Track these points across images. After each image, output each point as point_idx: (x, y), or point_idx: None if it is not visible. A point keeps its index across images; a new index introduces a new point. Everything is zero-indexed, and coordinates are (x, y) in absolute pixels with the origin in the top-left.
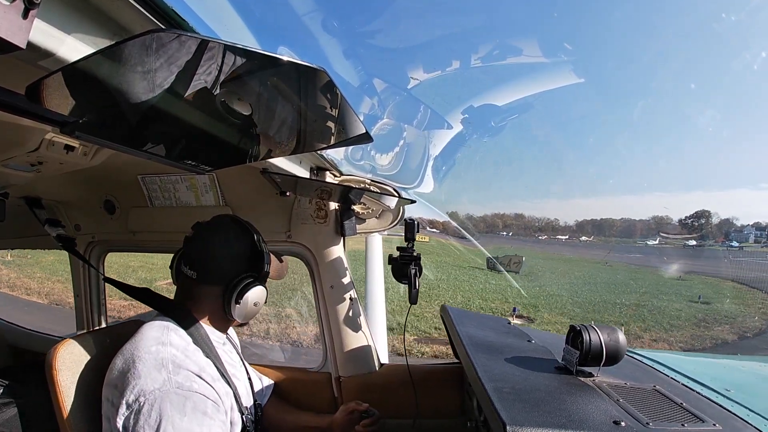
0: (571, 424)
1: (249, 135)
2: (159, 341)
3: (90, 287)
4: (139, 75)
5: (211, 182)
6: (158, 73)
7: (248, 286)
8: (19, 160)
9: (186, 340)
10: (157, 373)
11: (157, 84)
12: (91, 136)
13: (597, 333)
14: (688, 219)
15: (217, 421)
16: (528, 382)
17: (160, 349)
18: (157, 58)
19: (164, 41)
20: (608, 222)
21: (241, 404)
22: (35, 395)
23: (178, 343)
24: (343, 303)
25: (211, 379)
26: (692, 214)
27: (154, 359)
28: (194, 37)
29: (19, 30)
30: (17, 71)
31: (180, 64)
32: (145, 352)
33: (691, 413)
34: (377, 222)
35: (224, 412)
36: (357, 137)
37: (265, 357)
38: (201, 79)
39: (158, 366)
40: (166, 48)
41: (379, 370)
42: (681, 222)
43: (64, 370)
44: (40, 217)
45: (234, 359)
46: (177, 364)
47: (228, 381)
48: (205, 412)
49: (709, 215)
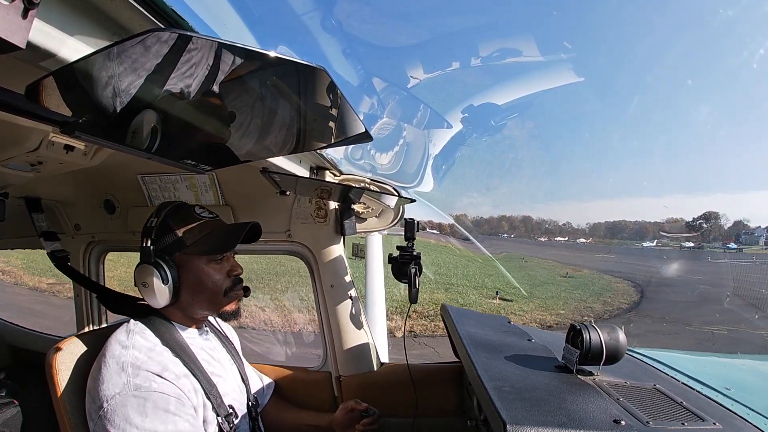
0: (571, 423)
1: (249, 134)
2: (123, 345)
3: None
4: (138, 75)
5: (211, 182)
6: (158, 72)
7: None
8: (19, 159)
9: (152, 341)
10: (118, 378)
11: (157, 84)
12: (91, 135)
13: (597, 332)
14: (696, 220)
15: (183, 416)
16: (528, 381)
17: (122, 352)
18: (156, 58)
19: (164, 41)
20: (621, 224)
21: (217, 403)
22: (35, 395)
23: (142, 345)
24: (343, 302)
25: (174, 376)
26: (700, 215)
27: (116, 363)
28: (194, 37)
29: (19, 30)
30: (17, 71)
31: (180, 63)
32: (109, 357)
33: (692, 412)
34: (377, 221)
35: (192, 407)
36: (357, 136)
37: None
38: (200, 79)
39: (119, 370)
40: (166, 47)
41: (379, 369)
42: (688, 224)
43: (64, 369)
44: (38, 227)
45: (219, 357)
46: (137, 366)
47: (199, 378)
48: (167, 409)
49: (717, 217)
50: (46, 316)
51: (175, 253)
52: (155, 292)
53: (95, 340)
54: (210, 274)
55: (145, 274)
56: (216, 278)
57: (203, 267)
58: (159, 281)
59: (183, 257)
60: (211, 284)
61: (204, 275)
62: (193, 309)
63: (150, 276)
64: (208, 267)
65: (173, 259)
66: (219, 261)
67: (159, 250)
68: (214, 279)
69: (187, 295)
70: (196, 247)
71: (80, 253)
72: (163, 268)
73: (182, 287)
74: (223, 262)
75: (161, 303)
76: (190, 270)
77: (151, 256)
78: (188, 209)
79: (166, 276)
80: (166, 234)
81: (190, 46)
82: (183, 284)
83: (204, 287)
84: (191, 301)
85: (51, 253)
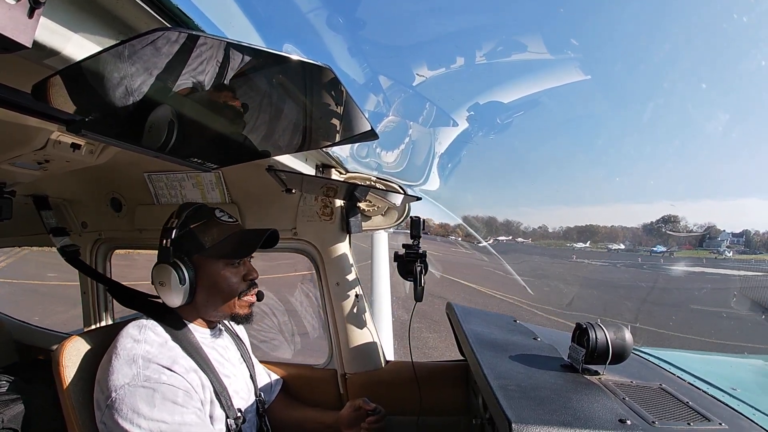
0: (576, 422)
1: (255, 133)
2: (134, 339)
3: (97, 285)
4: (144, 73)
5: (217, 180)
6: (164, 71)
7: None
8: (26, 158)
9: (163, 337)
10: (128, 369)
11: (164, 82)
12: (98, 134)
13: (603, 331)
14: (655, 224)
15: (190, 408)
16: (533, 379)
17: (134, 346)
18: (162, 57)
19: (170, 40)
20: (592, 228)
21: (227, 405)
22: (41, 392)
23: (154, 340)
24: (349, 300)
25: (183, 370)
26: (659, 218)
27: (127, 355)
28: (200, 36)
29: (25, 29)
30: (23, 70)
31: (186, 62)
32: (120, 349)
33: (697, 412)
34: (383, 219)
35: (199, 401)
36: (362, 134)
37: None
38: (206, 78)
39: (129, 362)
40: (172, 46)
41: (385, 367)
42: (645, 227)
43: (71, 366)
44: (47, 224)
45: (230, 356)
46: (147, 359)
47: (210, 378)
48: (175, 401)
49: (677, 220)
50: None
51: (194, 254)
52: (172, 291)
53: (102, 337)
54: (226, 278)
55: (162, 274)
56: (232, 281)
57: (220, 270)
58: (176, 281)
59: (201, 259)
60: (226, 287)
61: (220, 278)
62: (207, 310)
63: (168, 275)
64: (225, 270)
65: (191, 260)
66: (236, 265)
67: (178, 251)
68: (230, 282)
69: (202, 296)
70: (215, 250)
71: (87, 251)
72: (180, 269)
73: (198, 288)
74: (239, 266)
75: (176, 302)
76: (207, 272)
77: (170, 256)
78: (209, 212)
79: (183, 276)
80: (186, 235)
81: (196, 45)
82: (199, 285)
83: (220, 290)
84: (206, 303)
85: (61, 248)
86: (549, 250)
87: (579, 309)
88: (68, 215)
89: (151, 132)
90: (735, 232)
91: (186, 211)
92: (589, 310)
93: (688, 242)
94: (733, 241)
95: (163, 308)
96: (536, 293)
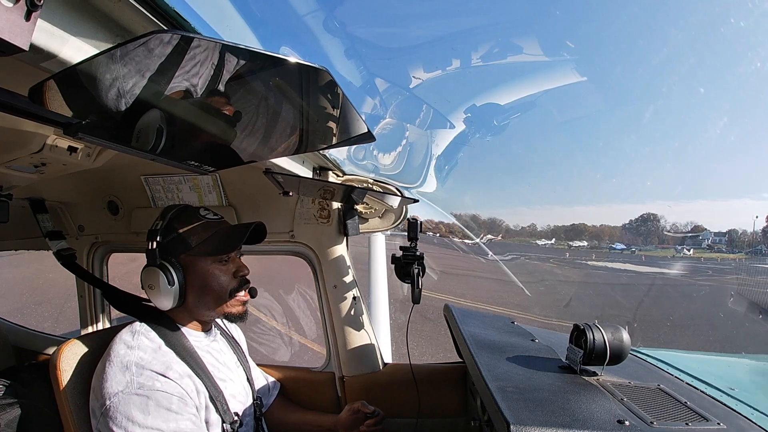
0: (575, 424)
1: (252, 135)
2: (128, 345)
3: (94, 288)
4: (141, 76)
5: (214, 183)
6: (160, 74)
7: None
8: (22, 161)
9: (157, 343)
10: (122, 376)
11: (160, 85)
12: (94, 137)
13: (601, 332)
14: (635, 223)
15: (185, 415)
16: (532, 381)
17: (127, 352)
18: (159, 59)
19: (166, 42)
20: (580, 227)
21: (223, 409)
22: (38, 396)
23: (147, 346)
24: (347, 302)
25: (177, 375)
26: (638, 217)
27: (120, 362)
28: (196, 38)
29: (22, 31)
30: (20, 73)
31: (182, 64)
32: (114, 356)
33: (696, 412)
34: (380, 221)
35: (194, 407)
36: (359, 137)
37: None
38: (203, 80)
39: (123, 369)
40: (169, 49)
41: (383, 370)
42: (624, 226)
43: (68, 370)
44: (43, 227)
45: (226, 360)
46: (141, 365)
47: (205, 383)
48: (170, 408)
49: (656, 219)
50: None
51: (181, 254)
52: (161, 294)
53: (99, 342)
54: (216, 275)
55: (151, 277)
56: (222, 279)
57: (209, 268)
58: (165, 283)
59: (189, 259)
60: (217, 285)
61: (209, 276)
62: (200, 311)
63: (156, 278)
64: (213, 268)
65: (179, 260)
66: (225, 262)
67: (164, 252)
68: (220, 280)
69: (193, 297)
70: (201, 247)
71: (84, 254)
72: (169, 270)
73: (188, 289)
74: (229, 263)
75: (168, 305)
76: (196, 271)
77: (157, 258)
78: (193, 211)
79: (172, 278)
80: (171, 236)
81: (193, 48)
82: (189, 286)
83: (210, 288)
84: (197, 304)
85: (57, 252)
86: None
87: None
88: (65, 218)
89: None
90: (719, 231)
91: (170, 212)
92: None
93: (669, 241)
94: (714, 240)
95: (156, 312)
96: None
